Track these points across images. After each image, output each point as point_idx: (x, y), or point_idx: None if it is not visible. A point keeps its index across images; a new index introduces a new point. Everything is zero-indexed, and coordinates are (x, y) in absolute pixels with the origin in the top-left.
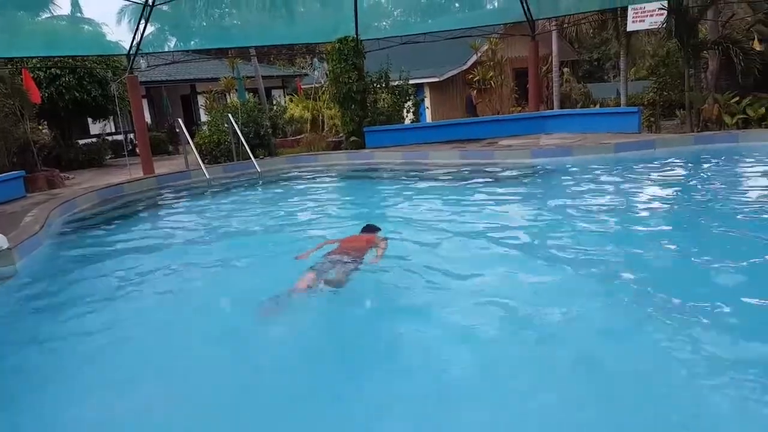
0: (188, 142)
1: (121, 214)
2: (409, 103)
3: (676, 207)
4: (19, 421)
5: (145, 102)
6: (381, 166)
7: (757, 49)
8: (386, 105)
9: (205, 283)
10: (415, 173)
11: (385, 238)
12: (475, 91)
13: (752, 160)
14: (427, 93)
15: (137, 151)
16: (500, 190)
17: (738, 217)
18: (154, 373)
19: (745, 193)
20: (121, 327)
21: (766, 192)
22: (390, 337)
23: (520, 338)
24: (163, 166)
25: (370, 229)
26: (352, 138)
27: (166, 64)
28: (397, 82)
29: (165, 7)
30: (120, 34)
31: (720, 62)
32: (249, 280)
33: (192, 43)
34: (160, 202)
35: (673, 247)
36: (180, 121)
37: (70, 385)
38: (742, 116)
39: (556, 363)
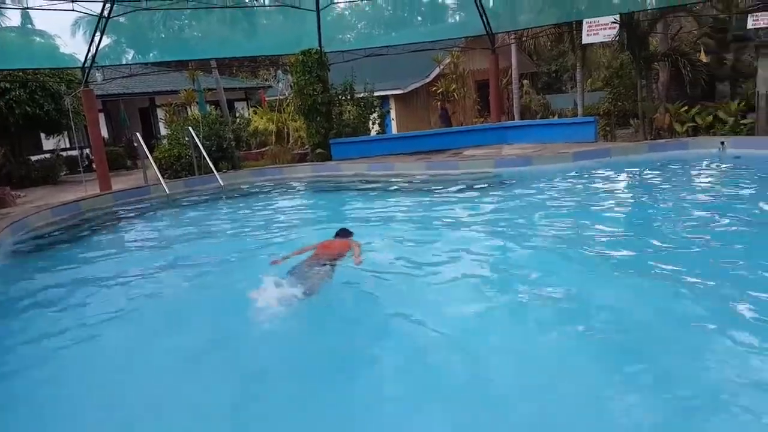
0: (147, 157)
1: (78, 232)
2: (375, 114)
3: (632, 210)
4: None
5: (101, 116)
6: (347, 178)
7: (704, 60)
8: (352, 117)
9: (175, 300)
10: (381, 184)
11: (359, 242)
12: (448, 104)
13: (701, 164)
14: (392, 105)
15: (94, 166)
16: (464, 199)
17: (690, 214)
18: (135, 392)
19: (696, 194)
20: (96, 340)
21: (713, 192)
22: (375, 338)
23: (500, 336)
24: (121, 182)
25: (343, 233)
26: (318, 150)
27: (123, 77)
28: (362, 94)
29: (122, 19)
30: (74, 47)
31: (670, 73)
32: (218, 294)
33: (150, 55)
34: (118, 220)
35: (629, 245)
36: (138, 135)
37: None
38: (691, 124)
39: (536, 358)
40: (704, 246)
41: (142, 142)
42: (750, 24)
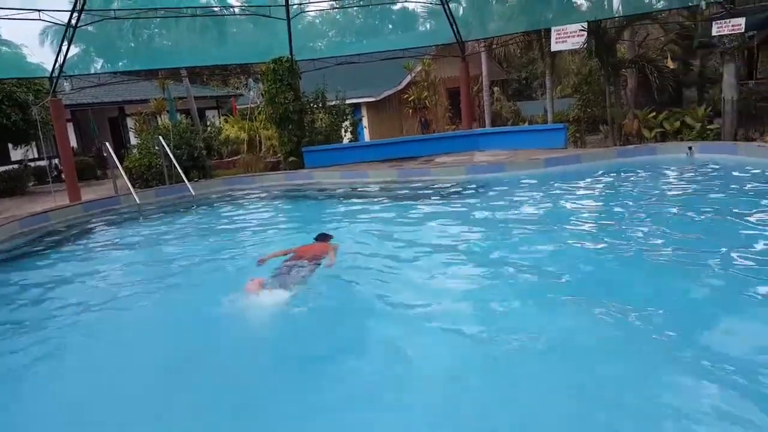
0: (117, 166)
1: (47, 244)
2: (347, 122)
3: (602, 215)
4: None
5: (70, 126)
6: (320, 186)
7: (671, 66)
8: (324, 125)
9: (154, 306)
10: (354, 192)
11: (336, 245)
12: (422, 110)
13: (670, 169)
14: (364, 112)
15: (62, 177)
16: (437, 206)
17: (658, 219)
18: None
19: (664, 199)
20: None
21: (681, 196)
22: (348, 331)
23: (461, 332)
24: (91, 192)
25: (323, 237)
26: (291, 158)
27: (92, 86)
28: (333, 102)
29: (90, 28)
30: (42, 56)
31: (638, 80)
32: (198, 299)
33: (120, 64)
34: (88, 230)
35: (602, 249)
36: (108, 144)
37: None
38: (659, 130)
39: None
40: (675, 243)
41: (111, 152)
42: (714, 31)
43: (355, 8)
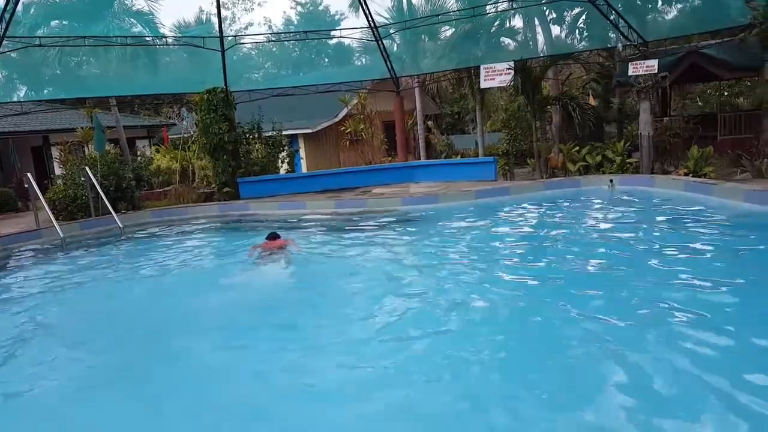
0: (39, 198)
1: None
2: (284, 153)
3: (529, 242)
4: None
5: None
6: (256, 217)
7: (592, 104)
8: (260, 155)
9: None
10: (291, 222)
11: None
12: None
13: (592, 200)
14: (301, 144)
15: None
16: (373, 236)
17: (581, 246)
18: None
19: (587, 227)
20: None
21: (602, 224)
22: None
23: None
24: (10, 225)
25: (274, 236)
26: (225, 189)
27: (14, 114)
28: (270, 133)
29: (13, 54)
30: None
31: (562, 116)
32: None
33: (45, 92)
34: (4, 266)
35: (528, 274)
36: (29, 175)
37: None
38: (583, 163)
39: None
40: (598, 268)
41: (33, 183)
42: (630, 71)
43: (291, 41)
